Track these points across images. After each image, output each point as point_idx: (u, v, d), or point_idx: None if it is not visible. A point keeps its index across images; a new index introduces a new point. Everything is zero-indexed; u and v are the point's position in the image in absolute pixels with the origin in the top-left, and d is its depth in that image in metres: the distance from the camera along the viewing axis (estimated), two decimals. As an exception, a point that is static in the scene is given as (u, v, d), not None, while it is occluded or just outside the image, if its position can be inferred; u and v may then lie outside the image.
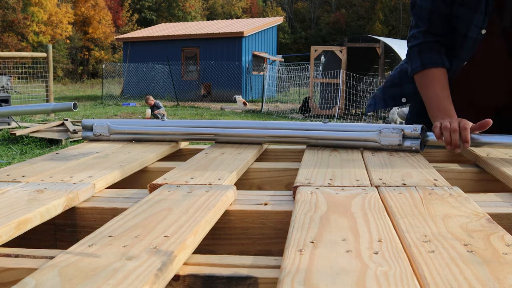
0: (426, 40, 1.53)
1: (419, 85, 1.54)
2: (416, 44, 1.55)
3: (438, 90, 1.46)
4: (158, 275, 0.56)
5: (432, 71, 1.50)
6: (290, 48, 46.04)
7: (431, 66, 1.50)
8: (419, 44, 1.54)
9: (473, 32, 1.49)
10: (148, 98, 11.68)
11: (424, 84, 1.51)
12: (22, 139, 7.32)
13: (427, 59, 1.51)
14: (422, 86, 1.52)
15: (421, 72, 1.52)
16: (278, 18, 24.78)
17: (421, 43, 1.53)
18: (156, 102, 11.68)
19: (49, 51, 11.13)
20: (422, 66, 1.51)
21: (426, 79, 1.50)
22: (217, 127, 1.51)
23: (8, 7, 34.26)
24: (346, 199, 0.87)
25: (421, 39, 1.54)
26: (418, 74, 1.53)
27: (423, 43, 1.53)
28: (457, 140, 1.27)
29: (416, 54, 1.54)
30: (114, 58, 38.41)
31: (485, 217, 0.76)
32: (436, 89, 1.47)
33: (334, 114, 13.13)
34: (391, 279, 0.53)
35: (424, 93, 1.52)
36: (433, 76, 1.49)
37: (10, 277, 0.64)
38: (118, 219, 0.77)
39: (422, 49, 1.53)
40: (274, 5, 51.38)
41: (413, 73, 1.55)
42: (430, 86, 1.49)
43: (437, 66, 1.50)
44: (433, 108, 1.46)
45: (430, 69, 1.50)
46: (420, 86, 1.54)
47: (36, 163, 1.27)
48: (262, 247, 0.89)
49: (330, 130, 1.42)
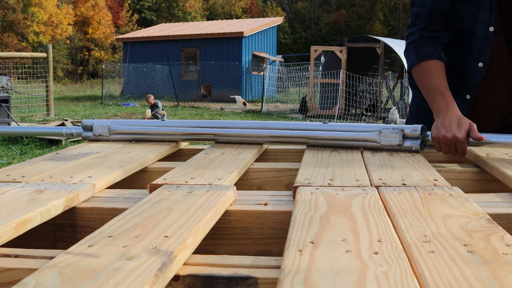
0: (423, 36, 1.54)
1: (416, 78, 1.55)
2: (413, 40, 1.55)
3: (436, 81, 1.46)
4: (158, 275, 0.56)
5: (428, 63, 1.50)
6: (290, 48, 46.04)
7: (427, 58, 1.50)
8: (416, 40, 1.55)
9: (480, 30, 1.49)
10: (149, 97, 11.72)
11: (421, 76, 1.51)
12: (22, 139, 7.32)
13: (422, 52, 1.52)
14: (419, 79, 1.53)
15: (417, 65, 1.52)
16: (278, 18, 24.78)
17: (418, 39, 1.54)
18: (156, 101, 11.71)
19: (49, 51, 11.13)
20: (418, 59, 1.52)
21: (422, 72, 1.51)
22: (217, 127, 1.51)
23: (8, 7, 34.26)
24: (346, 199, 0.87)
25: (417, 35, 1.54)
26: (415, 67, 1.53)
27: (419, 38, 1.54)
28: (454, 150, 1.29)
29: (412, 49, 1.55)
30: (114, 58, 38.40)
31: (485, 217, 0.76)
32: (433, 80, 1.47)
33: (334, 114, 13.13)
34: (391, 279, 0.53)
35: (421, 85, 1.52)
36: (429, 68, 1.49)
37: (10, 277, 0.64)
38: (118, 219, 0.77)
39: (418, 44, 1.54)
40: (274, 5, 51.38)
41: (410, 67, 1.56)
42: (427, 78, 1.49)
43: (433, 58, 1.50)
44: (431, 99, 1.46)
45: (426, 61, 1.50)
46: (418, 79, 1.54)
47: (36, 163, 1.27)
48: (262, 247, 0.89)
49: (330, 130, 1.42)
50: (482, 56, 1.51)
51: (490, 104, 1.56)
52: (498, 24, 1.48)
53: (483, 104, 1.56)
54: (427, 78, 1.48)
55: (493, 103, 1.56)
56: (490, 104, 1.56)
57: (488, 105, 1.56)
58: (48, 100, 11.47)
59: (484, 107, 1.56)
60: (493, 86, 1.55)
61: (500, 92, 1.55)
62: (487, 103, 1.56)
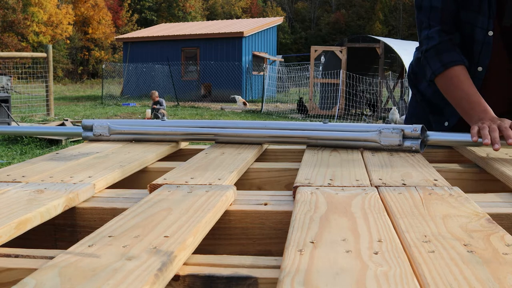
0: (442, 40, 1.48)
1: (443, 86, 1.49)
2: (433, 45, 1.49)
3: (466, 88, 1.41)
4: (158, 275, 0.56)
5: (454, 69, 1.44)
6: (290, 48, 46.04)
7: (453, 65, 1.45)
8: (436, 45, 1.49)
9: (478, 35, 1.48)
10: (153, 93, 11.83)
11: (449, 84, 1.46)
12: (22, 139, 7.33)
13: (447, 58, 1.46)
14: (448, 87, 1.47)
15: (443, 73, 1.46)
16: (278, 18, 24.79)
17: (438, 43, 1.49)
18: (160, 99, 11.79)
19: (49, 51, 11.14)
20: (443, 67, 1.46)
21: (451, 79, 1.45)
22: (217, 127, 1.51)
23: (8, 7, 34.25)
24: (346, 199, 0.87)
25: (437, 39, 1.49)
26: (440, 75, 1.47)
27: (440, 43, 1.48)
28: (497, 138, 1.21)
29: (433, 56, 1.49)
30: (114, 58, 38.41)
31: (485, 217, 0.76)
32: (464, 87, 1.41)
33: (334, 114, 13.14)
34: (391, 279, 0.53)
35: (451, 94, 1.46)
36: (458, 74, 1.44)
37: (10, 277, 0.64)
38: (118, 219, 0.77)
39: (439, 49, 1.48)
40: (274, 5, 51.39)
41: (434, 75, 1.49)
42: (457, 86, 1.43)
43: (459, 63, 1.45)
44: (465, 107, 1.40)
45: (452, 68, 1.45)
46: (445, 87, 1.48)
47: (36, 163, 1.27)
48: (262, 247, 0.89)
49: (330, 130, 1.42)
50: (481, 60, 1.51)
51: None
52: (497, 29, 1.49)
53: None
54: (457, 87, 1.43)
55: (492, 106, 1.57)
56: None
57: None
58: (48, 100, 11.47)
59: None
60: (492, 90, 1.55)
61: (499, 96, 1.55)
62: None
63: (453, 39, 1.50)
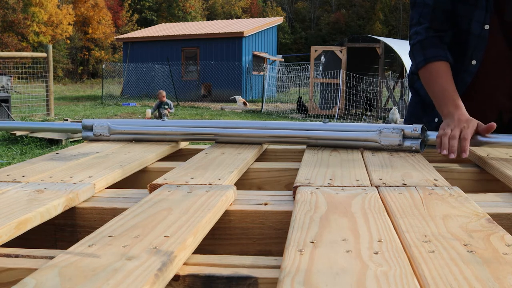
0: (429, 36, 1.53)
1: (424, 80, 1.55)
2: (419, 40, 1.55)
3: (443, 83, 1.46)
4: (158, 275, 0.56)
5: (435, 64, 1.50)
6: (290, 48, 46.05)
7: (434, 60, 1.50)
8: (422, 40, 1.54)
9: (475, 29, 1.49)
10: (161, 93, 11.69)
11: (429, 78, 1.51)
12: (22, 139, 7.32)
13: (430, 53, 1.51)
14: (427, 81, 1.52)
15: (424, 67, 1.52)
16: (278, 18, 24.78)
17: (424, 39, 1.54)
18: (168, 101, 11.72)
19: (49, 51, 11.13)
20: (425, 61, 1.51)
21: (431, 73, 1.50)
22: (217, 127, 1.51)
23: (8, 7, 34.26)
24: (346, 199, 0.87)
25: (423, 35, 1.54)
26: (422, 69, 1.53)
27: (426, 39, 1.53)
28: (454, 147, 1.25)
29: (419, 50, 1.55)
30: (114, 58, 38.41)
31: (485, 217, 0.76)
32: (441, 82, 1.47)
33: (334, 114, 13.13)
34: (391, 279, 0.53)
35: (429, 87, 1.52)
36: (437, 69, 1.49)
37: (10, 277, 0.64)
38: (118, 219, 0.77)
39: (424, 44, 1.53)
40: (274, 5, 51.39)
41: (417, 69, 1.55)
42: (435, 80, 1.49)
43: (440, 59, 1.50)
44: (439, 101, 1.46)
45: (434, 62, 1.50)
46: (426, 81, 1.54)
47: (36, 163, 1.27)
48: (262, 247, 0.89)
49: (330, 130, 1.42)
50: (476, 54, 1.53)
51: (487, 102, 1.58)
52: (496, 23, 1.49)
53: (480, 101, 1.57)
54: (436, 81, 1.48)
55: (490, 100, 1.58)
56: (487, 101, 1.58)
57: (485, 103, 1.58)
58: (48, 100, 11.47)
59: (480, 105, 1.56)
60: (490, 84, 1.56)
61: (497, 90, 1.57)
62: (484, 100, 1.58)
63: (441, 37, 1.54)
